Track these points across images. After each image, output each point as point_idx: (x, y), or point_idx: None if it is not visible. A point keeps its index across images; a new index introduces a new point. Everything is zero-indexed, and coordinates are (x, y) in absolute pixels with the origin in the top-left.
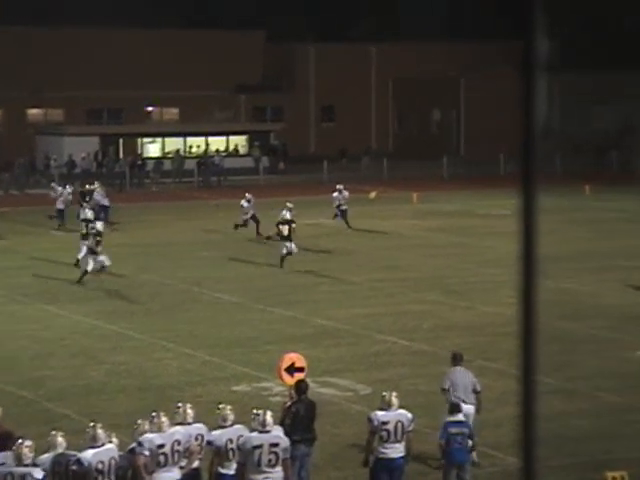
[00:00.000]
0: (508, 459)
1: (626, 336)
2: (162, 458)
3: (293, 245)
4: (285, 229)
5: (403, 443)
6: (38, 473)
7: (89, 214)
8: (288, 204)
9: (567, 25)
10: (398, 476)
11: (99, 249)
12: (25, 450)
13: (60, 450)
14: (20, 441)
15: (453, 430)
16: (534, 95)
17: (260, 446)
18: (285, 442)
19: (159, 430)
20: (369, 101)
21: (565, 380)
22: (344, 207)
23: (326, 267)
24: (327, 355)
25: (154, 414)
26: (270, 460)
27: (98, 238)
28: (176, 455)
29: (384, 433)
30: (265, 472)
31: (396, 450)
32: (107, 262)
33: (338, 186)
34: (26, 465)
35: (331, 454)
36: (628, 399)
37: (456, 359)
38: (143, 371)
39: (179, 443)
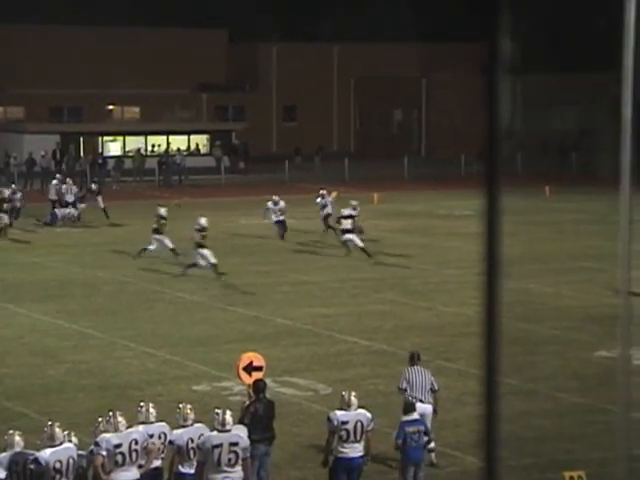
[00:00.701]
0: (467, 459)
1: (588, 337)
2: (120, 458)
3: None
4: (347, 223)
5: (362, 443)
6: (1, 473)
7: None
8: (352, 202)
9: (530, 26)
10: (357, 476)
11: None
12: None
13: (17, 449)
14: None
15: (409, 429)
16: (497, 96)
17: (220, 445)
18: (245, 441)
19: (115, 430)
20: (331, 101)
21: (526, 381)
22: (328, 211)
23: (287, 267)
24: (287, 354)
25: (110, 414)
26: (230, 459)
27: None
28: (134, 454)
29: (343, 433)
30: (225, 471)
31: (355, 450)
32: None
33: (321, 191)
34: None
35: (291, 453)
36: (589, 399)
37: (413, 359)
38: (103, 370)
39: (136, 442)
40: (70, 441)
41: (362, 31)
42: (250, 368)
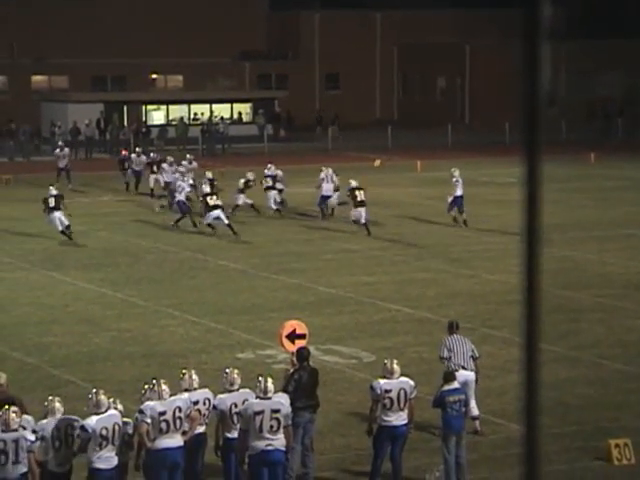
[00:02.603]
0: (511, 426)
1: (632, 304)
2: (164, 425)
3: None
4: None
5: (406, 411)
6: (30, 435)
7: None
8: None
9: None
10: (401, 444)
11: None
12: (12, 415)
13: (59, 415)
14: (6, 407)
15: (450, 398)
16: (539, 63)
17: (261, 412)
18: (286, 409)
19: (160, 398)
20: (374, 68)
21: (570, 348)
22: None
23: (329, 235)
24: (330, 322)
25: (154, 382)
26: (272, 426)
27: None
28: (178, 422)
29: (387, 401)
30: (267, 438)
31: (399, 418)
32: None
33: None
34: (15, 430)
35: (335, 421)
36: (633, 367)
37: (452, 327)
38: (148, 338)
39: (180, 410)
40: (115, 408)
41: None
42: (293, 336)
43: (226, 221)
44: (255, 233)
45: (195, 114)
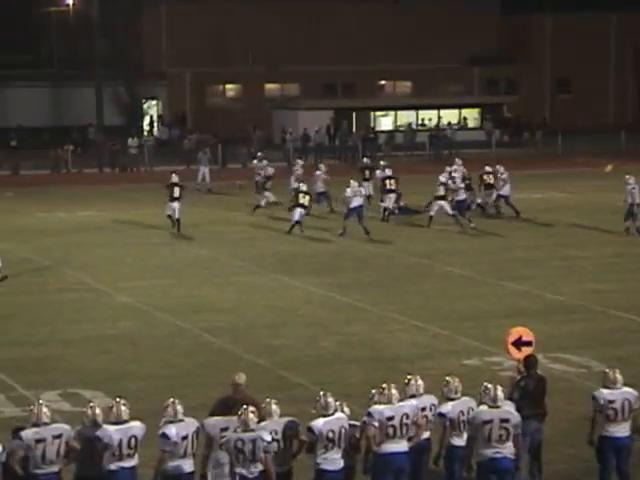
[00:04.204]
0: None
1: None
2: (391, 430)
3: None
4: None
5: (629, 422)
6: (267, 435)
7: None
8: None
9: None
10: (625, 456)
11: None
12: (251, 415)
13: (275, 417)
14: (245, 407)
15: None
16: None
17: (490, 421)
18: (516, 418)
19: (388, 402)
20: (607, 71)
21: None
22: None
23: (556, 242)
24: (559, 330)
25: (384, 385)
26: (501, 435)
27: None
28: (404, 428)
29: (610, 412)
30: (495, 447)
31: (623, 429)
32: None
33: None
34: (253, 430)
35: (563, 431)
36: None
37: None
38: (374, 342)
39: (407, 417)
40: (343, 411)
41: None
42: (519, 342)
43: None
44: (483, 239)
45: (423, 120)
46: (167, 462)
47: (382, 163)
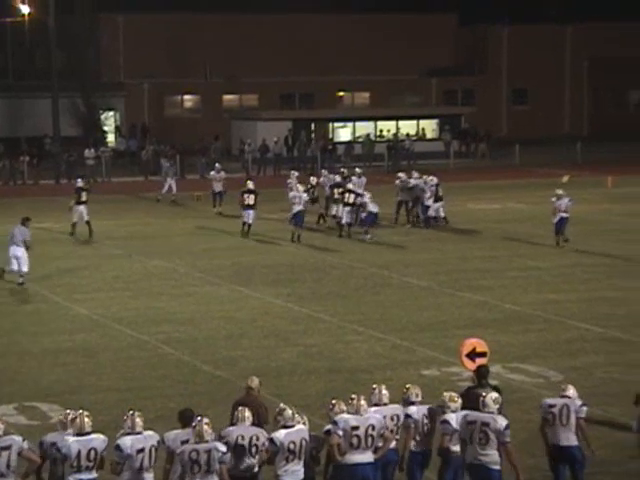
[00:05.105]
0: None
1: None
2: (355, 440)
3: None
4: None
5: (571, 431)
6: (222, 446)
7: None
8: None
9: None
10: (579, 467)
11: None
12: (205, 427)
13: (247, 423)
14: (199, 418)
15: None
16: None
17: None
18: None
19: (356, 412)
20: (563, 83)
21: None
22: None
23: (513, 252)
24: (517, 340)
25: (353, 396)
26: (480, 439)
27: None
28: (369, 439)
29: (549, 416)
30: (477, 451)
31: (568, 439)
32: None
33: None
34: (207, 441)
35: (523, 441)
36: None
37: None
38: (333, 353)
39: (373, 428)
40: (304, 423)
41: (595, 10)
42: (473, 354)
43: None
44: (441, 250)
45: (381, 131)
46: (120, 474)
47: (358, 170)
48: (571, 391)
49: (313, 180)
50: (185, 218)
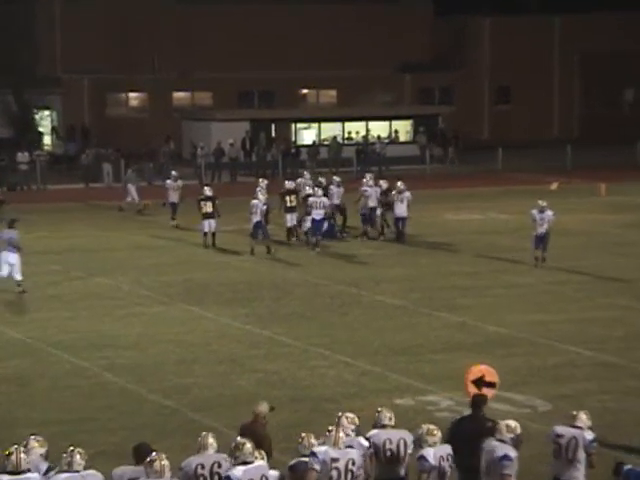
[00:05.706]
0: None
1: None
2: (335, 473)
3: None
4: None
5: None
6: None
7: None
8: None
9: None
10: None
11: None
12: (164, 462)
13: (211, 451)
14: (155, 454)
15: None
16: None
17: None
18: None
19: (334, 445)
20: (551, 80)
21: None
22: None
23: (496, 267)
24: (501, 366)
25: (331, 428)
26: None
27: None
28: (349, 474)
29: (555, 446)
30: None
31: (571, 477)
32: None
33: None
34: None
35: None
36: None
37: None
38: (297, 381)
39: (354, 463)
40: (263, 458)
41: (587, 1)
42: (481, 382)
43: None
44: (415, 265)
45: (349, 133)
46: None
47: (336, 179)
48: (583, 420)
49: (290, 184)
50: (130, 230)
